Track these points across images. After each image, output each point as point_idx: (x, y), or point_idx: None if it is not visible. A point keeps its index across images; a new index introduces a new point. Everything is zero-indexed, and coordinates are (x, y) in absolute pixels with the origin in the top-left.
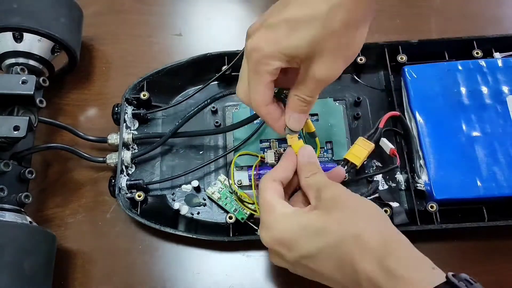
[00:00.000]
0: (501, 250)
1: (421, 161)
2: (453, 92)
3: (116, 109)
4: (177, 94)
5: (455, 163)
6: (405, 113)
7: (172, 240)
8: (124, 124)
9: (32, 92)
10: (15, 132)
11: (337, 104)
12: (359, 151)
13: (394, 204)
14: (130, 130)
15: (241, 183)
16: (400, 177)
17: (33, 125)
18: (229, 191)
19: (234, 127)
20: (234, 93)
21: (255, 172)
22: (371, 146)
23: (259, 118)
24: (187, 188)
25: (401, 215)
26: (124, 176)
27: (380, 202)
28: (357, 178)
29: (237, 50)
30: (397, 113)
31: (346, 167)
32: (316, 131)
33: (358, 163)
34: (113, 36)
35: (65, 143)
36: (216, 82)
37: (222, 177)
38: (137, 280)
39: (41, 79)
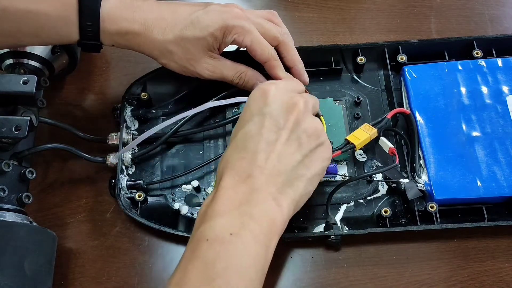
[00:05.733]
0: (501, 250)
1: (421, 161)
2: (453, 92)
3: (116, 109)
4: (177, 94)
5: (455, 163)
6: None
7: (172, 240)
8: (124, 124)
9: (34, 92)
10: (17, 132)
11: (337, 104)
12: (361, 134)
13: (404, 180)
14: (130, 130)
15: None
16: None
17: (34, 125)
18: None
19: (234, 120)
20: (234, 93)
21: None
22: (373, 130)
23: None
24: (187, 188)
25: (413, 189)
26: (124, 176)
27: (389, 180)
28: (357, 178)
29: (237, 50)
30: (407, 111)
31: (345, 147)
32: None
33: (357, 143)
34: None
35: (65, 143)
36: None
37: None
38: (137, 280)
39: (41, 79)
